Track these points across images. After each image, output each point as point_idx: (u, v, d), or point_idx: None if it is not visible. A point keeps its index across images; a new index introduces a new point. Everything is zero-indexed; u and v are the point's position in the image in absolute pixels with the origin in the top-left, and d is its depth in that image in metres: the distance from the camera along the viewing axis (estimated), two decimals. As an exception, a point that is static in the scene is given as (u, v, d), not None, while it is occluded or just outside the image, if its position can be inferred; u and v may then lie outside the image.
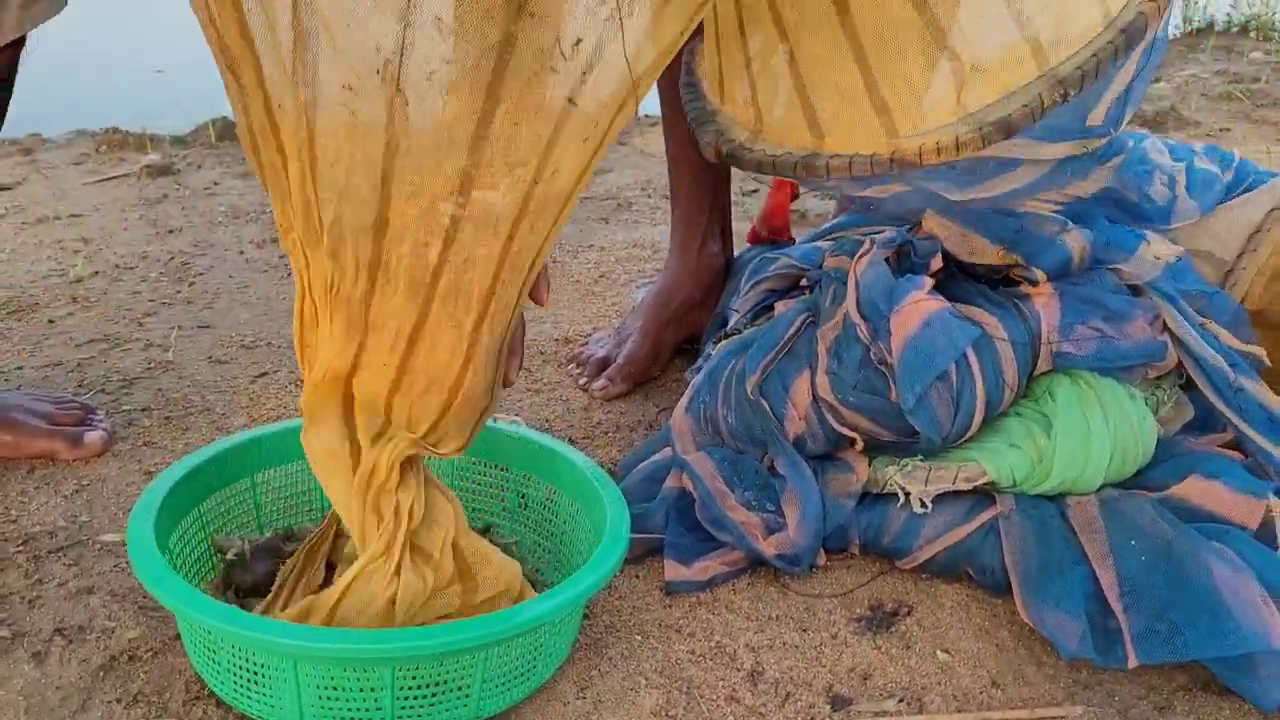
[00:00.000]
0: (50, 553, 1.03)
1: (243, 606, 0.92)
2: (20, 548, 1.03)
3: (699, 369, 1.26)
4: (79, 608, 0.95)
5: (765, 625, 1.00)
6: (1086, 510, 1.01)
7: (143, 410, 1.30)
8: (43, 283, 1.67)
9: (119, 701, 0.85)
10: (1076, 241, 1.08)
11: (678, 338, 1.48)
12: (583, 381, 1.42)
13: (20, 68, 1.09)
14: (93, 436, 1.20)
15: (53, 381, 1.37)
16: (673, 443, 1.13)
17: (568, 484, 1.02)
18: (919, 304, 1.01)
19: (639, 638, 0.97)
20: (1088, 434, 1.02)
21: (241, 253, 1.83)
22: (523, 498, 1.06)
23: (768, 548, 1.04)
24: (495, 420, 1.07)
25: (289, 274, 1.75)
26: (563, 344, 1.53)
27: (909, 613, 1.02)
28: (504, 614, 0.81)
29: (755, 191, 2.21)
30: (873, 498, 1.07)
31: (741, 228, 1.54)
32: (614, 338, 1.47)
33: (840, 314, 1.07)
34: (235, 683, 0.81)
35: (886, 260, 1.07)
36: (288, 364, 1.43)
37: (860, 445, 1.07)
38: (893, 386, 1.01)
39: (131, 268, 1.74)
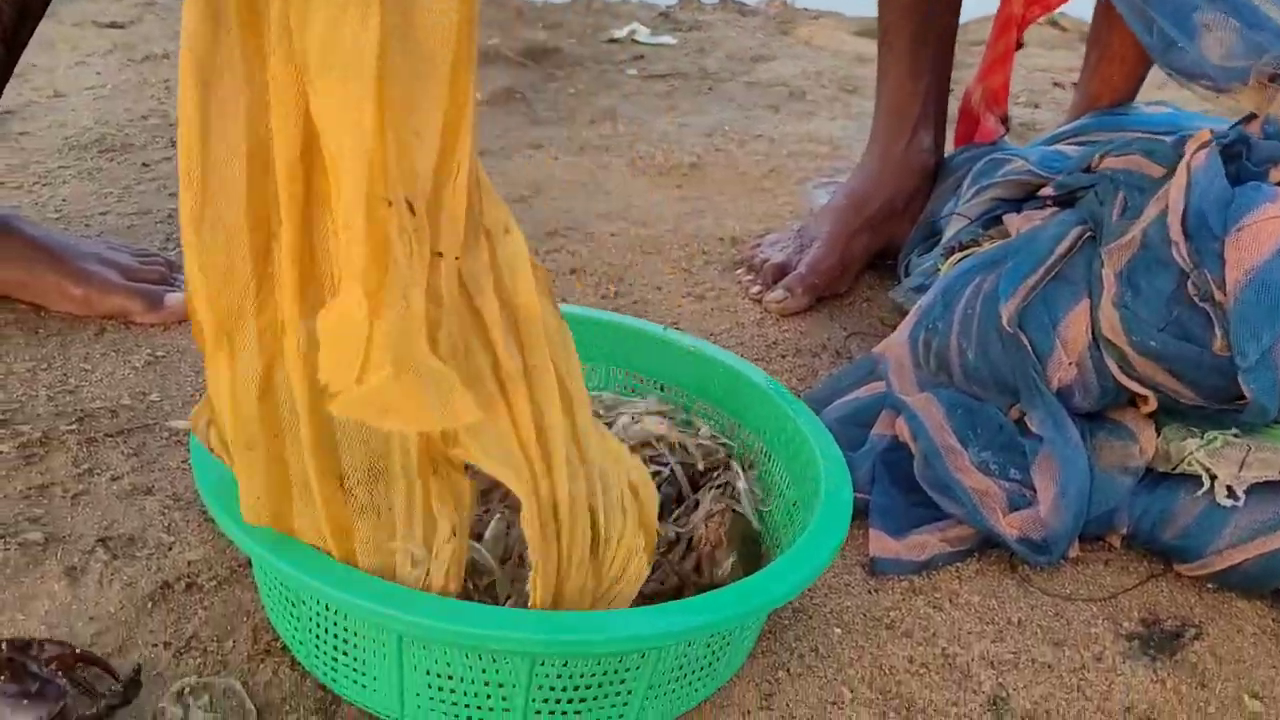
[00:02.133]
0: (108, 436, 0.83)
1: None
2: (73, 426, 0.84)
3: (920, 287, 1.00)
4: (132, 512, 0.75)
5: (1005, 632, 0.75)
6: None
7: (236, 274, 1.10)
8: (141, 123, 1.47)
9: (166, 646, 0.65)
10: None
11: (871, 248, 1.21)
12: (754, 290, 1.17)
13: None
14: (175, 298, 1.00)
15: (137, 232, 1.17)
16: (887, 378, 0.88)
17: (757, 418, 0.78)
18: (1272, 222, 0.73)
19: (838, 630, 0.73)
20: None
21: (362, 109, 1.60)
22: (694, 429, 0.83)
23: (1008, 527, 0.79)
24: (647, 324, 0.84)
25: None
26: (728, 244, 1.28)
27: (1197, 635, 0.77)
28: (706, 601, 0.57)
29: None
30: (1155, 477, 0.81)
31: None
32: (794, 241, 1.21)
33: (1137, 230, 0.80)
34: (318, 646, 0.60)
35: (1212, 162, 0.79)
36: (407, 237, 1.21)
37: (1151, 406, 0.80)
38: (1218, 333, 0.74)
39: (240, 115, 1.53)
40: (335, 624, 0.58)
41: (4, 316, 0.98)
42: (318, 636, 0.59)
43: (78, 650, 0.60)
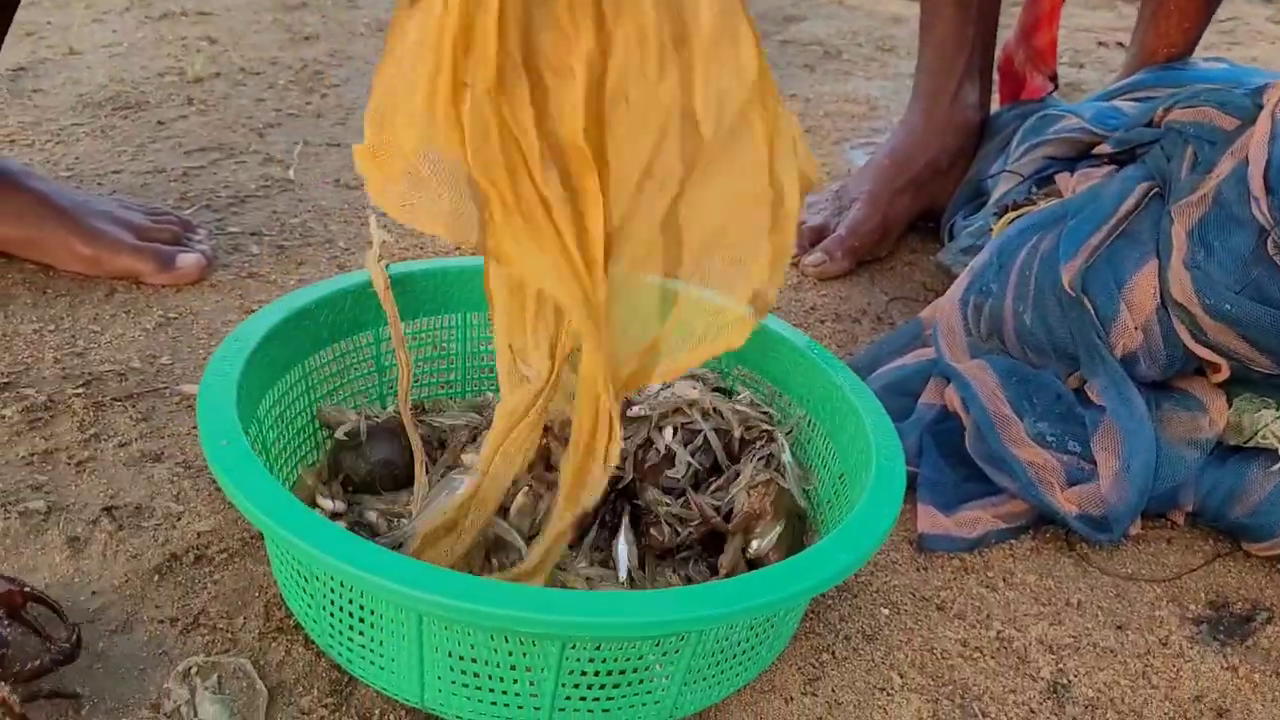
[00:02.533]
0: (116, 400, 0.79)
1: (351, 504, 0.67)
2: (80, 389, 0.80)
3: (969, 248, 0.95)
4: (139, 480, 0.72)
5: (1063, 614, 0.70)
6: None
7: (251, 234, 1.06)
8: (157, 80, 1.43)
9: (172, 623, 0.61)
10: None
11: (913, 209, 1.16)
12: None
13: None
14: (187, 259, 0.96)
15: (151, 190, 1.13)
16: (936, 344, 0.83)
17: (799, 385, 0.73)
18: (1364, 176, 0.67)
19: (885, 611, 0.69)
20: None
21: (383, 67, 1.55)
22: (731, 395, 0.78)
23: (1066, 503, 0.74)
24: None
25: (436, 95, 1.47)
26: (763, 206, 1.23)
27: (1269, 620, 0.72)
28: (750, 583, 0.53)
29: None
30: (1225, 451, 0.76)
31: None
32: (832, 203, 1.16)
33: (1209, 186, 0.74)
34: (333, 624, 0.56)
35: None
36: (429, 197, 1.17)
37: (1223, 375, 0.75)
38: (1300, 296, 0.69)
39: (258, 73, 1.49)
40: (351, 601, 0.54)
41: (11, 276, 0.94)
42: (333, 614, 0.55)
43: (26, 589, 0.56)
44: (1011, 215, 0.89)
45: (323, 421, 0.71)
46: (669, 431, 0.68)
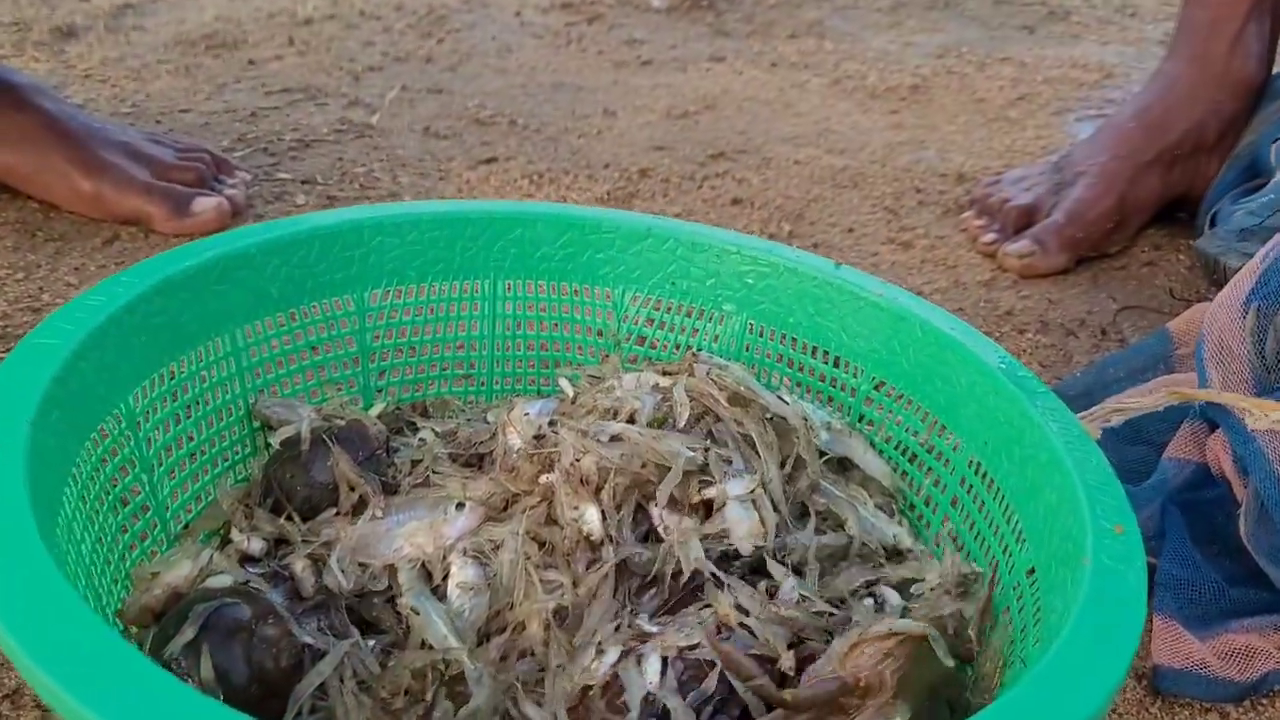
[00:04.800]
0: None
1: (280, 542, 0.45)
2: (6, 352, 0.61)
3: (1248, 232, 0.66)
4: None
5: None
6: None
7: (303, 183, 0.87)
8: (265, 20, 1.27)
9: None
10: None
11: (1163, 193, 0.86)
12: (988, 239, 0.84)
13: None
14: (206, 203, 0.77)
15: (211, 129, 0.96)
16: (1201, 370, 0.54)
17: (974, 419, 0.47)
18: None
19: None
20: None
21: (518, 14, 1.35)
22: (866, 426, 0.52)
23: None
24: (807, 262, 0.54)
25: (569, 43, 1.26)
26: (953, 182, 0.96)
27: None
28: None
29: None
30: None
31: None
32: (1048, 177, 0.87)
33: None
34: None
35: None
36: (527, 151, 0.95)
37: None
38: None
39: (378, 17, 1.32)
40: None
41: (6, 214, 0.78)
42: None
43: None
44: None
45: (261, 420, 0.50)
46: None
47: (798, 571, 0.44)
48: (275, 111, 1.01)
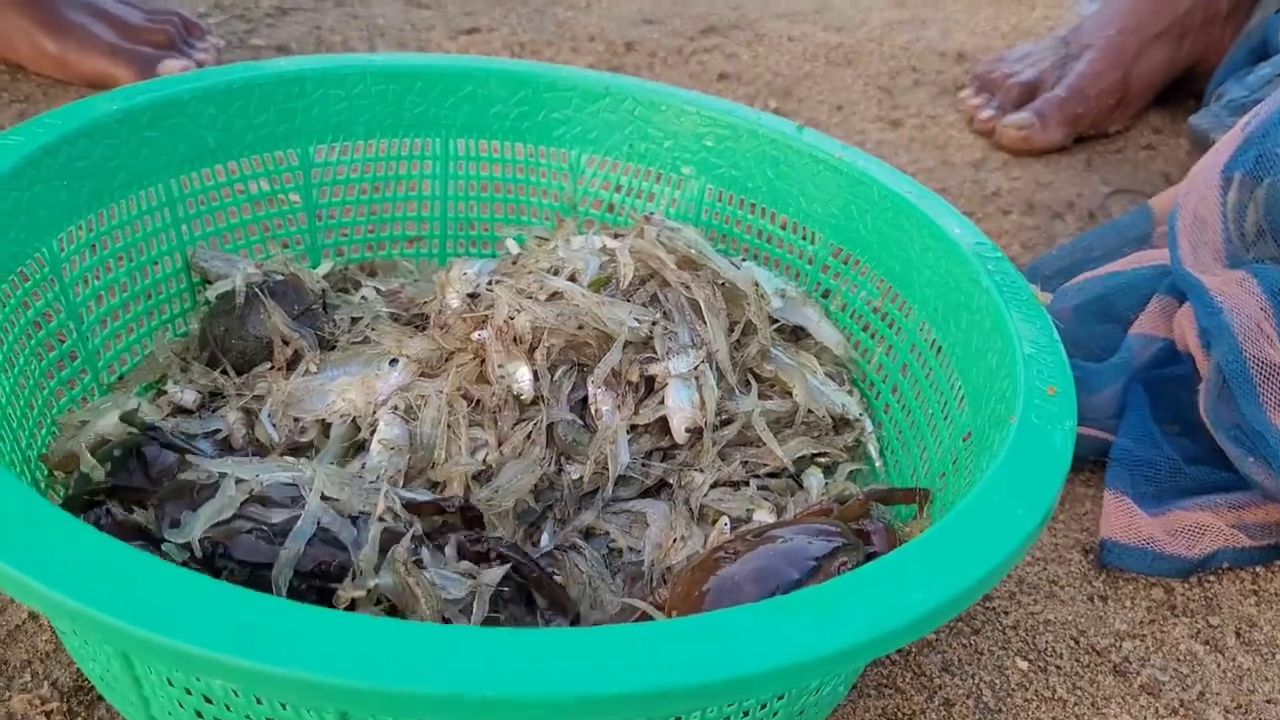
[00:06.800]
0: None
1: (215, 394, 0.45)
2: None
3: (1239, 104, 0.63)
4: None
5: (1344, 714, 0.41)
6: None
7: (277, 49, 0.84)
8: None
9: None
10: None
11: (1168, 69, 0.83)
12: (985, 115, 0.81)
13: None
14: (172, 65, 0.76)
15: (196, -10, 0.93)
16: (1173, 243, 0.52)
17: (926, 284, 0.45)
18: None
19: (1023, 665, 0.41)
20: None
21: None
22: (823, 292, 0.51)
23: (1368, 521, 0.44)
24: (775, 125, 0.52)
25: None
26: (951, 62, 0.92)
27: None
28: (742, 616, 0.26)
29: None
30: None
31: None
32: (1054, 52, 0.84)
33: None
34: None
35: None
36: (511, 22, 0.92)
37: None
38: None
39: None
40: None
41: (-28, 76, 0.76)
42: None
43: None
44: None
45: (200, 274, 0.49)
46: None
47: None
48: (255, -23, 0.98)
